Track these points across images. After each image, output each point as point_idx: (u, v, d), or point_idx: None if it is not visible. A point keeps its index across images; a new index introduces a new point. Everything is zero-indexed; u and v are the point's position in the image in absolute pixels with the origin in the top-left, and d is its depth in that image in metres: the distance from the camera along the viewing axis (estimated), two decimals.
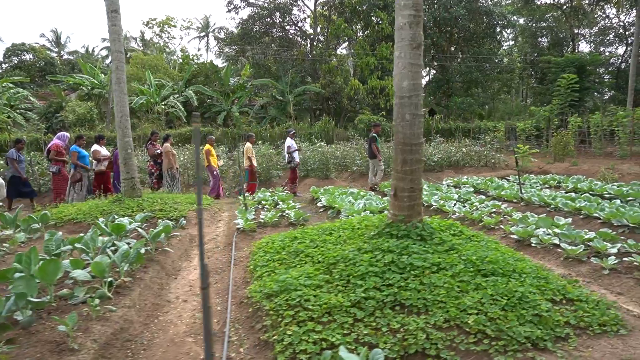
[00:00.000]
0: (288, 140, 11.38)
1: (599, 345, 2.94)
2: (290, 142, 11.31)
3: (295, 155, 11.26)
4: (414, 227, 4.14)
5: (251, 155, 11.00)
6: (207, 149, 10.79)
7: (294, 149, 11.27)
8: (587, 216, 6.83)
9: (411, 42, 4.02)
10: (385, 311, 3.16)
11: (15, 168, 9.38)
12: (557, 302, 3.37)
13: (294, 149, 11.27)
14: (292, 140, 11.38)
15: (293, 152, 11.21)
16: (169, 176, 10.45)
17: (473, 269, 3.59)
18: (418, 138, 4.17)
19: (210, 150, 10.78)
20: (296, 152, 11.38)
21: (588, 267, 4.53)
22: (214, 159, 10.88)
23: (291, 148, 11.21)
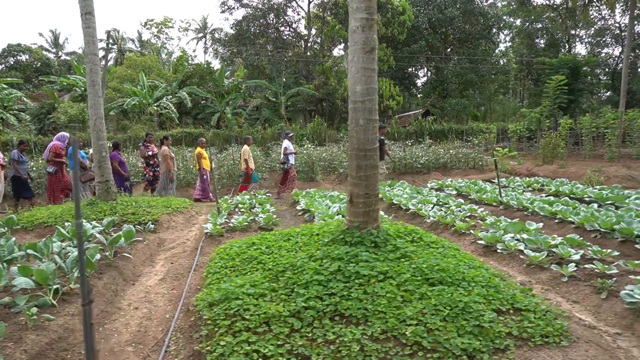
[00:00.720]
0: (285, 142, 11.39)
1: (538, 357, 2.87)
2: (287, 144, 11.31)
3: (290, 158, 11.26)
4: (369, 234, 4.07)
5: (247, 157, 10.96)
6: (199, 152, 10.76)
7: (290, 151, 11.26)
8: (562, 220, 6.76)
9: (364, 46, 3.96)
10: (324, 321, 3.10)
11: (16, 169, 9.42)
12: (503, 312, 3.30)
13: (290, 151, 11.26)
14: (289, 142, 11.39)
15: (289, 154, 11.21)
16: (166, 179, 10.41)
17: (421, 278, 3.52)
18: (372, 143, 4.10)
19: (202, 154, 10.75)
20: (292, 155, 11.37)
21: (548, 274, 4.46)
22: (206, 161, 10.85)
23: (287, 150, 11.20)
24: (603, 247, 5.76)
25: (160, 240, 6.40)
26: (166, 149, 10.34)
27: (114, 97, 23.61)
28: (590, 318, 3.65)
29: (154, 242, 6.22)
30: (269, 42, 28.27)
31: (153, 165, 10.52)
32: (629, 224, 5.75)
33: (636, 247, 5.38)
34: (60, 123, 20.57)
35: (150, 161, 10.48)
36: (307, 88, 25.27)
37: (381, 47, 25.92)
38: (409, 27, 27.35)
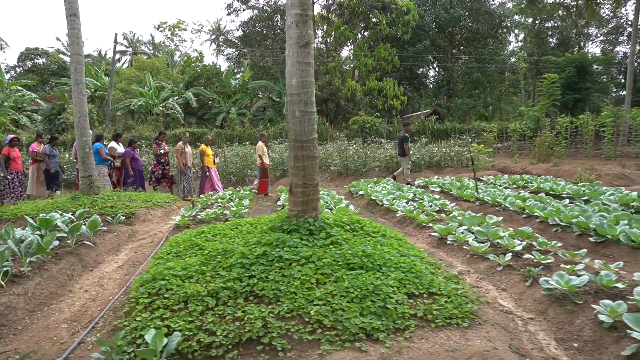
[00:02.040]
0: None
1: (436, 336, 2.97)
2: None
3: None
4: (305, 222, 4.22)
5: (262, 153, 11.26)
6: (202, 149, 11.07)
7: None
8: (529, 215, 6.79)
9: (298, 41, 4.11)
10: (238, 301, 3.26)
11: (47, 163, 9.97)
12: (416, 295, 3.40)
13: None
14: None
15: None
16: (179, 174, 10.77)
17: (342, 263, 3.65)
18: (309, 135, 4.25)
19: (206, 151, 11.07)
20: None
21: (487, 263, 4.53)
22: (209, 158, 11.17)
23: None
24: (561, 240, 5.81)
25: (132, 232, 6.65)
26: (180, 145, 10.69)
27: (121, 97, 24.21)
28: (511, 304, 3.73)
29: (125, 233, 6.46)
30: (275, 42, 28.57)
31: (164, 163, 10.88)
32: (587, 218, 5.76)
33: (590, 240, 5.41)
34: (68, 123, 21.20)
35: (162, 159, 10.83)
36: None
37: (385, 47, 25.95)
38: (414, 27, 27.30)
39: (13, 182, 9.78)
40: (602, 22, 32.53)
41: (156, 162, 10.88)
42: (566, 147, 16.90)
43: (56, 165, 10.30)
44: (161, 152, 10.80)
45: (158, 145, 10.95)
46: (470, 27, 28.88)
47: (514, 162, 15.03)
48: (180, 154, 10.62)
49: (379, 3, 26.08)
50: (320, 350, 2.82)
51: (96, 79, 25.43)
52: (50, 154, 10.08)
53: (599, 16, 31.71)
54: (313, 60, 4.23)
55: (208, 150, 11.07)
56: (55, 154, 10.35)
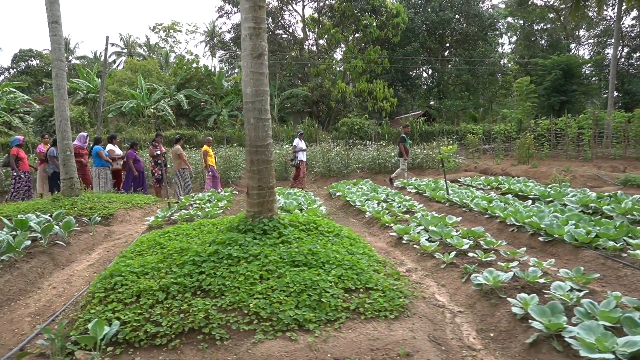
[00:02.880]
0: (296, 140, 12.30)
1: (364, 327, 3.24)
2: (297, 142, 12.20)
3: (299, 155, 12.11)
4: (260, 223, 4.48)
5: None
6: (205, 150, 11.34)
7: (300, 149, 12.08)
8: (491, 216, 7.07)
9: (252, 52, 4.38)
10: (186, 295, 3.52)
11: (55, 165, 10.21)
12: (352, 290, 3.67)
13: (300, 149, 12.08)
14: (299, 140, 12.25)
15: (298, 152, 12.09)
16: (180, 176, 11.02)
17: (287, 260, 3.92)
18: (264, 140, 4.51)
19: (208, 151, 11.34)
20: (301, 152, 12.18)
21: (433, 261, 4.80)
22: (212, 159, 11.46)
23: (297, 147, 12.06)
24: (516, 239, 6.11)
25: (109, 232, 6.90)
26: (178, 148, 10.93)
27: (113, 99, 24.43)
28: (445, 298, 4.00)
29: (102, 234, 6.71)
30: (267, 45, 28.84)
31: (161, 164, 11.12)
32: (540, 218, 6.04)
33: (539, 239, 5.70)
34: None
35: (159, 160, 11.08)
36: (301, 90, 25.75)
37: (375, 50, 26.25)
38: (404, 30, 27.60)
39: (21, 182, 10.15)
40: (592, 24, 32.90)
41: (154, 163, 11.13)
42: (549, 149, 17.21)
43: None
44: (157, 153, 11.06)
45: (154, 146, 11.19)
46: (460, 29, 29.21)
47: (495, 163, 15.33)
48: (179, 156, 10.91)
49: (369, 6, 26.38)
50: (254, 340, 3.08)
51: (88, 81, 25.64)
52: (57, 156, 10.32)
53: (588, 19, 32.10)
54: (267, 70, 4.49)
55: (210, 151, 11.41)
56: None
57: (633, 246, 4.84)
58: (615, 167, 12.94)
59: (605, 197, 7.67)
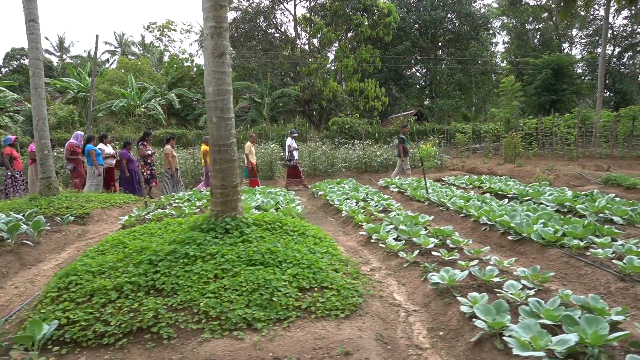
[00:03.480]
0: (288, 140, 12.33)
1: (313, 326, 3.24)
2: (290, 142, 12.23)
3: (294, 154, 12.14)
4: (222, 222, 4.48)
5: (249, 152, 11.68)
6: (205, 150, 11.34)
7: (294, 148, 12.15)
8: (466, 215, 7.09)
9: (213, 52, 4.37)
10: (139, 294, 3.51)
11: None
12: (307, 289, 3.67)
13: (294, 148, 12.15)
14: (292, 140, 12.29)
15: (292, 151, 12.12)
16: (168, 176, 11.03)
17: (245, 259, 3.92)
18: (226, 139, 4.51)
19: (207, 151, 11.32)
20: (295, 151, 12.23)
21: (398, 260, 4.81)
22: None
23: (291, 147, 12.13)
24: (487, 238, 6.13)
25: (83, 232, 6.88)
26: (168, 148, 10.92)
27: (103, 99, 24.36)
28: (403, 297, 4.01)
29: (75, 233, 6.69)
30: (259, 44, 28.81)
31: (150, 163, 11.12)
32: (512, 217, 6.07)
33: (508, 238, 5.72)
34: (50, 124, 21.33)
35: (148, 160, 11.07)
36: (292, 89, 25.73)
37: (367, 49, 26.26)
38: (396, 29, 27.60)
39: (17, 181, 10.14)
40: (584, 24, 32.99)
41: (143, 162, 11.12)
42: (537, 148, 17.25)
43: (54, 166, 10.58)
44: (148, 153, 11.05)
45: (144, 146, 11.18)
46: (453, 28, 29.24)
47: (482, 162, 15.36)
48: (172, 157, 10.92)
49: (361, 5, 26.36)
50: (201, 339, 3.08)
51: (79, 80, 25.54)
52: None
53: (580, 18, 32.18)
54: (229, 69, 4.48)
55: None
56: (53, 156, 10.60)
57: (597, 244, 4.87)
58: (600, 166, 12.99)
59: (581, 196, 7.70)
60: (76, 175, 10.38)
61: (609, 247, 4.75)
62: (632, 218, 6.11)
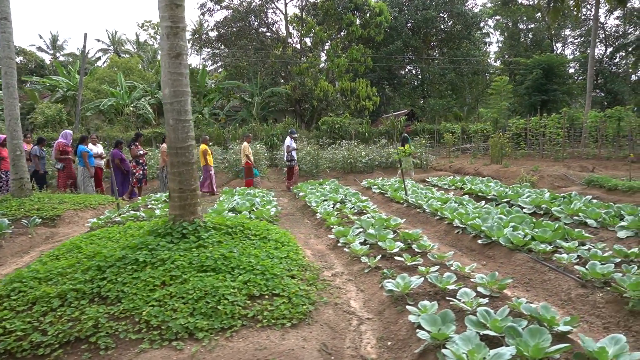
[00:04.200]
0: (287, 139, 12.25)
1: (257, 336, 3.15)
2: (290, 142, 12.14)
3: (293, 154, 12.11)
4: (179, 226, 4.38)
5: (248, 153, 11.66)
6: (204, 149, 11.23)
7: (293, 148, 12.08)
8: (441, 217, 7.01)
9: (169, 52, 4.26)
10: (82, 302, 3.41)
11: (36, 164, 10.13)
12: (256, 297, 3.58)
13: (293, 148, 12.08)
14: (291, 140, 12.21)
15: (292, 152, 12.05)
16: (163, 175, 10.92)
17: (196, 265, 3.82)
18: (184, 142, 4.41)
19: (207, 150, 11.24)
20: (294, 151, 12.17)
21: (360, 265, 4.72)
22: (210, 157, 11.37)
23: (290, 147, 12.04)
24: (459, 241, 6.05)
25: (51, 234, 6.76)
26: (164, 146, 10.83)
27: (92, 98, 24.16)
28: (359, 305, 3.92)
29: (43, 236, 6.58)
30: (250, 43, 28.67)
31: (142, 164, 11.02)
32: (484, 220, 6.00)
33: (478, 242, 5.64)
34: (37, 123, 21.15)
35: (140, 160, 10.96)
36: (283, 89, 25.61)
37: (358, 48, 26.16)
38: (388, 28, 27.50)
39: (2, 181, 9.98)
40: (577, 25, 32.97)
41: (135, 163, 11.01)
42: (525, 148, 17.21)
43: (44, 166, 10.46)
44: (140, 153, 10.96)
45: (136, 146, 11.09)
46: (444, 28, 29.16)
47: (469, 163, 15.31)
48: (167, 156, 10.78)
49: (352, 4, 26.24)
50: (138, 349, 2.98)
51: (69, 79, 25.33)
52: (39, 155, 10.22)
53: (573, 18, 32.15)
54: (187, 70, 4.38)
55: (209, 150, 11.33)
56: (44, 155, 10.50)
57: (565, 249, 4.80)
58: (585, 167, 12.94)
59: (559, 198, 7.65)
60: (66, 175, 10.23)
61: (575, 251, 4.68)
62: (605, 221, 6.05)
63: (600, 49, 31.96)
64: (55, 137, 19.01)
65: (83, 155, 9.96)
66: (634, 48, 25.46)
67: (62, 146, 10.15)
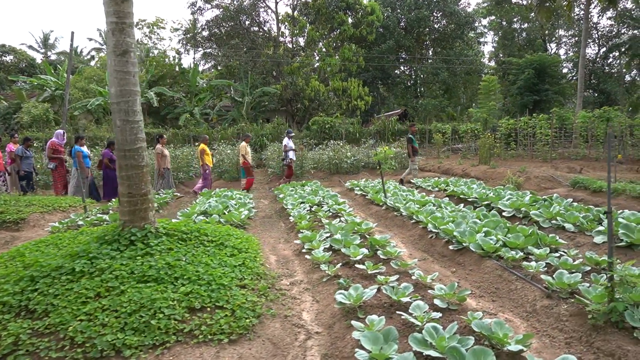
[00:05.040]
0: (285, 139, 12.22)
1: (190, 353, 2.93)
2: (287, 142, 12.13)
3: (290, 154, 12.07)
4: (128, 232, 4.15)
5: (245, 153, 11.49)
6: (202, 149, 11.01)
7: (290, 148, 12.03)
8: (417, 221, 6.79)
9: (115, 49, 4.04)
10: (7, 316, 3.18)
11: (17, 164, 9.91)
12: (197, 309, 3.36)
13: (290, 148, 12.03)
14: (289, 140, 12.19)
15: (288, 151, 12.02)
16: (157, 176, 10.72)
17: (138, 275, 3.59)
18: (132, 144, 4.18)
19: (205, 150, 11.02)
20: (292, 151, 12.12)
21: (319, 274, 4.51)
22: (209, 157, 11.18)
23: (287, 147, 12.01)
24: (432, 246, 5.85)
25: (12, 238, 6.51)
26: (159, 147, 10.60)
27: (80, 97, 23.86)
28: (311, 317, 3.71)
29: (2, 241, 6.33)
30: (242, 42, 28.40)
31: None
32: (457, 225, 5.79)
33: (450, 248, 5.43)
34: (23, 123, 20.86)
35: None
36: (273, 88, 25.35)
37: (349, 48, 25.94)
38: (381, 28, 27.29)
39: None
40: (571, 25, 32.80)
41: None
42: (515, 149, 17.03)
43: (30, 166, 10.19)
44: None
45: None
46: (437, 28, 28.96)
47: (458, 163, 15.11)
48: (161, 157, 10.60)
49: (344, 3, 26.00)
50: None
51: (57, 78, 25.02)
52: (22, 155, 9.97)
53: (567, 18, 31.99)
54: (135, 69, 4.16)
55: (207, 150, 11.12)
56: (29, 155, 10.25)
57: (536, 256, 4.59)
58: (572, 168, 12.75)
59: (540, 201, 7.45)
60: (57, 175, 10.01)
61: (546, 258, 4.48)
62: (583, 225, 5.85)
63: (594, 49, 31.86)
64: (41, 137, 18.79)
65: (77, 155, 9.70)
66: (627, 48, 25.29)
67: (54, 145, 9.88)
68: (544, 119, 14.32)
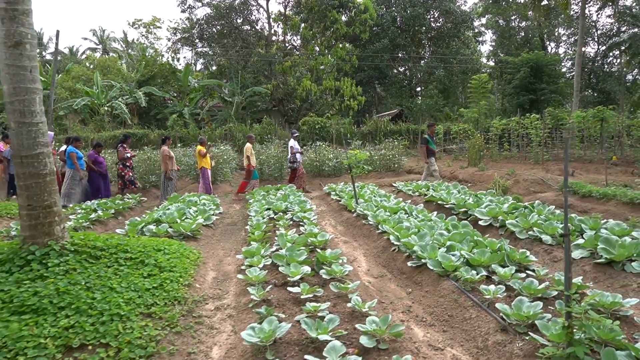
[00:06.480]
0: (291, 141, 11.75)
1: None
2: (293, 143, 11.67)
3: (297, 156, 11.64)
4: (25, 251, 3.62)
5: (250, 154, 11.14)
6: (199, 150, 10.71)
7: (297, 150, 11.61)
8: (383, 232, 6.24)
9: (6, 40, 3.51)
10: None
11: (4, 166, 9.62)
12: (74, 348, 2.82)
13: (297, 150, 11.61)
14: (294, 142, 11.75)
15: (295, 153, 11.59)
16: (164, 179, 10.38)
17: (16, 304, 3.05)
18: (30, 149, 3.65)
19: (202, 151, 10.61)
20: (298, 153, 11.72)
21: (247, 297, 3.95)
22: (207, 159, 10.87)
23: (294, 149, 11.57)
24: (393, 261, 5.35)
25: None
26: (165, 149, 10.14)
27: (66, 97, 23.41)
28: (220, 355, 3.17)
29: None
30: (234, 41, 27.88)
31: (129, 166, 10.43)
32: (420, 237, 5.26)
33: (408, 265, 4.89)
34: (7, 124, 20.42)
35: (127, 162, 10.33)
36: (264, 88, 24.81)
37: (343, 47, 25.41)
38: (375, 27, 26.72)
39: None
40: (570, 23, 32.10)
41: (122, 166, 10.37)
42: (508, 150, 16.43)
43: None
44: (127, 156, 10.35)
45: (124, 148, 10.46)
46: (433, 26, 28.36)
47: (447, 165, 14.53)
48: (168, 158, 10.16)
49: (336, 1, 25.41)
50: None
51: (45, 77, 24.58)
52: (9, 158, 9.47)
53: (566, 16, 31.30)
54: (33, 63, 3.63)
55: (204, 151, 10.73)
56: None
57: (499, 277, 4.03)
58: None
59: (520, 208, 6.88)
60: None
61: (509, 279, 3.92)
62: (560, 239, 5.29)
63: (593, 48, 31.16)
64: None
65: (72, 156, 9.26)
66: (627, 47, 24.60)
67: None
68: (535, 119, 13.70)
